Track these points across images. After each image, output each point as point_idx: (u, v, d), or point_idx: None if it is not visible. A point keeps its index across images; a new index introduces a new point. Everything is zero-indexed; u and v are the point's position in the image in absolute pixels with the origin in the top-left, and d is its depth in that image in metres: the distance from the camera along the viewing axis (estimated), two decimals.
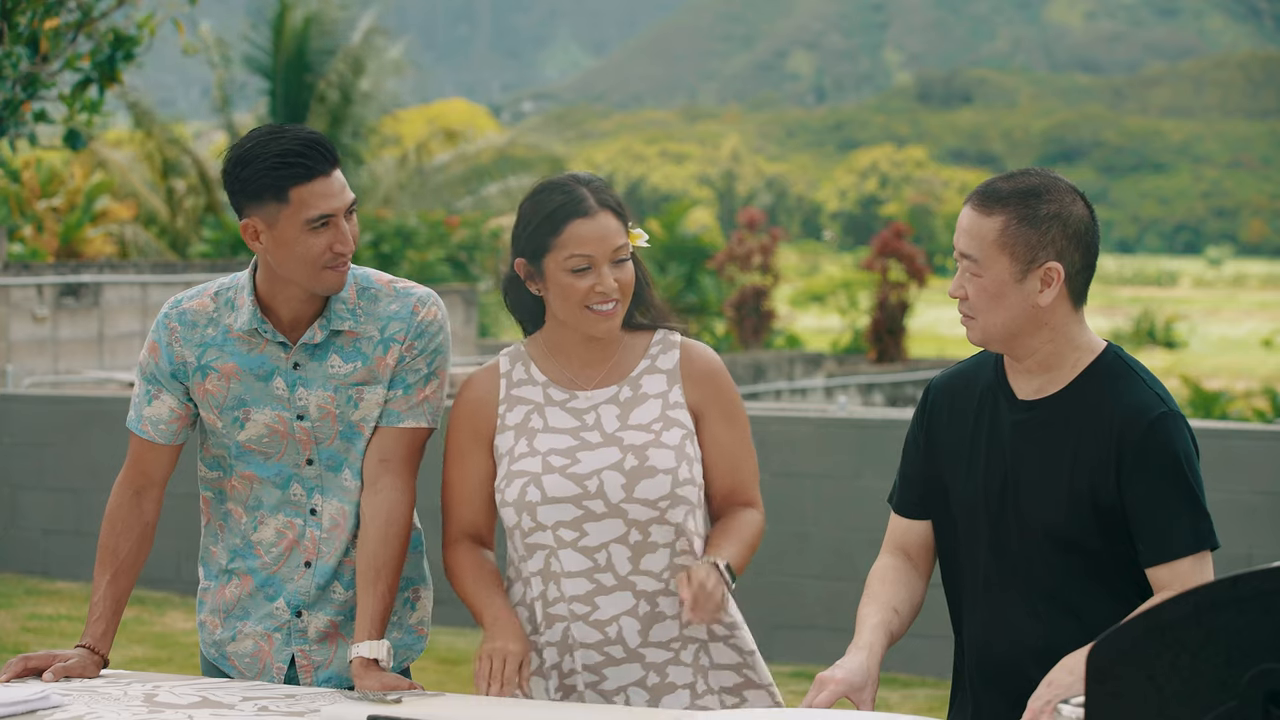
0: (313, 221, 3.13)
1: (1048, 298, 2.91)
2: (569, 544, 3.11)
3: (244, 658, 3.37)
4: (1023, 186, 2.93)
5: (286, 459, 3.29)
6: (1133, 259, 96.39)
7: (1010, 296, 2.91)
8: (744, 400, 14.64)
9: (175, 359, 3.30)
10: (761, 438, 8.25)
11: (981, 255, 2.92)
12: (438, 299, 3.36)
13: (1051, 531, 2.94)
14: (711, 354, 3.24)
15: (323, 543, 3.31)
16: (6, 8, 8.87)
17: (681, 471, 3.12)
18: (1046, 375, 2.98)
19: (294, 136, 3.15)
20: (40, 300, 15.76)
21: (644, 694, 3.13)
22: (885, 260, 27.76)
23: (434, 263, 25.43)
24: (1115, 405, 2.92)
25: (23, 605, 9.14)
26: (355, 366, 3.27)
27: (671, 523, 3.12)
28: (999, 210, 2.92)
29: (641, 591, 3.12)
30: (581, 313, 3.11)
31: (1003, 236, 2.91)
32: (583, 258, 3.08)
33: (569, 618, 3.12)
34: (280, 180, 3.12)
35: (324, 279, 3.19)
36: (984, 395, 3.05)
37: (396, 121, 33.95)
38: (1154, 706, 1.85)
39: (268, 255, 3.19)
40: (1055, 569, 2.96)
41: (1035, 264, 2.90)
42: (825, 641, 8.19)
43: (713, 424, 3.21)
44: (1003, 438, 3.00)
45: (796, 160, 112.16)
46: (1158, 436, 2.90)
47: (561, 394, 3.20)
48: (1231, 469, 7.48)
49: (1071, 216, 2.92)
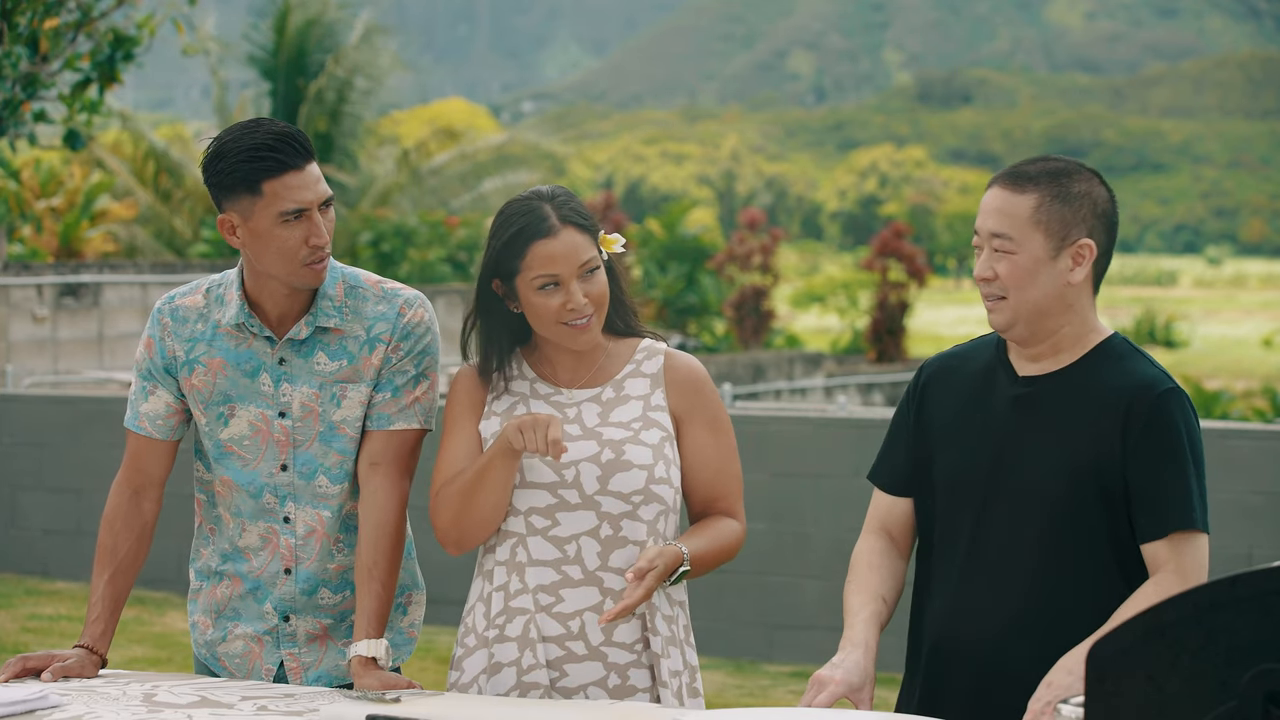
0: (286, 214, 3.15)
1: (1079, 275, 2.94)
2: (539, 531, 3.12)
3: (234, 658, 3.38)
4: (1051, 168, 2.97)
5: (262, 466, 3.29)
6: (1133, 259, 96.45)
7: (1043, 274, 2.93)
8: (744, 400, 14.63)
9: (167, 353, 3.32)
10: (761, 438, 8.26)
11: (1016, 232, 2.93)
12: (425, 301, 3.36)
13: (1052, 505, 2.93)
14: (696, 363, 3.28)
15: (299, 549, 3.31)
16: (6, 8, 8.88)
17: (657, 470, 3.14)
18: (1054, 355, 2.99)
19: (268, 130, 3.17)
20: (40, 300, 15.77)
21: (603, 694, 3.13)
22: (885, 260, 27.79)
23: (434, 262, 25.45)
24: (1124, 379, 2.92)
25: (22, 605, 9.14)
26: (341, 365, 3.28)
27: (643, 520, 3.13)
28: (1031, 188, 2.94)
29: (608, 589, 3.12)
30: (557, 329, 3.15)
31: (1037, 213, 2.93)
32: (548, 276, 3.11)
33: (533, 609, 3.11)
34: (253, 173, 3.14)
35: (300, 274, 3.20)
36: (982, 373, 3.06)
37: (395, 121, 33.98)
38: (1154, 706, 1.85)
39: (245, 249, 3.21)
40: (1041, 548, 2.95)
41: (1068, 241, 2.93)
42: (825, 641, 8.19)
43: (694, 430, 3.22)
44: (1000, 413, 3.00)
45: (796, 160, 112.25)
46: (1166, 410, 2.90)
47: (547, 389, 3.23)
48: (1231, 469, 7.47)
49: (1100, 196, 2.96)
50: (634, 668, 3.14)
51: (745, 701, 7.28)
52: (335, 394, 3.27)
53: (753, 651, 8.28)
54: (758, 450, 8.04)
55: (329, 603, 3.34)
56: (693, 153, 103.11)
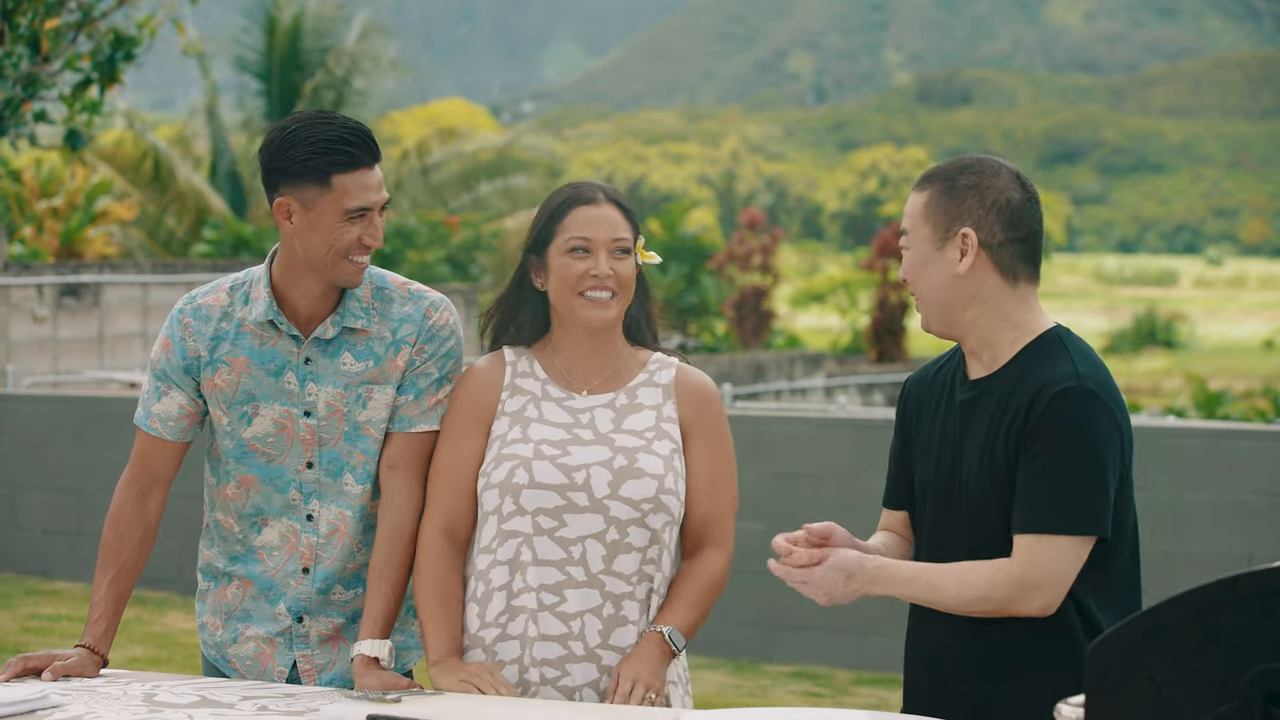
0: (351, 211, 3.16)
1: (965, 265, 2.98)
2: (545, 532, 3.13)
3: (245, 660, 3.38)
4: (953, 165, 3.05)
5: (288, 462, 3.29)
6: (1133, 259, 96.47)
7: (932, 264, 3.01)
8: (744, 400, 14.66)
9: (189, 353, 3.31)
10: (761, 438, 8.26)
11: (910, 226, 3.05)
12: (450, 305, 3.38)
13: (983, 509, 2.95)
14: (708, 380, 3.31)
15: (320, 549, 3.32)
16: (7, 8, 8.88)
17: (668, 480, 3.17)
18: (990, 354, 3.01)
19: (343, 124, 3.18)
20: (40, 300, 15.76)
21: (596, 697, 3.14)
22: (885, 260, 27.79)
23: (434, 263, 25.43)
24: (1035, 377, 2.93)
25: (22, 605, 9.14)
26: (367, 365, 3.29)
27: (650, 528, 3.15)
28: (927, 186, 3.04)
29: (609, 593, 3.14)
30: (576, 299, 3.17)
31: (926, 209, 3.02)
32: (581, 239, 3.17)
33: (535, 608, 3.12)
34: (326, 165, 3.14)
35: (343, 269, 3.21)
36: (946, 381, 3.11)
37: (394, 122, 33.96)
38: (1154, 706, 1.85)
39: (295, 237, 3.20)
40: (967, 551, 2.96)
41: (951, 232, 3.00)
42: (825, 641, 8.20)
43: (698, 446, 3.24)
44: (953, 420, 3.04)
45: (796, 160, 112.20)
46: (1059, 408, 2.88)
47: (559, 392, 3.24)
48: (1231, 469, 7.48)
49: (992, 189, 3.00)
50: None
51: (745, 701, 7.28)
52: (361, 395, 3.28)
53: (753, 651, 8.28)
54: (757, 450, 8.04)
55: (341, 599, 3.34)
56: (693, 153, 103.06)
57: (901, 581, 2.93)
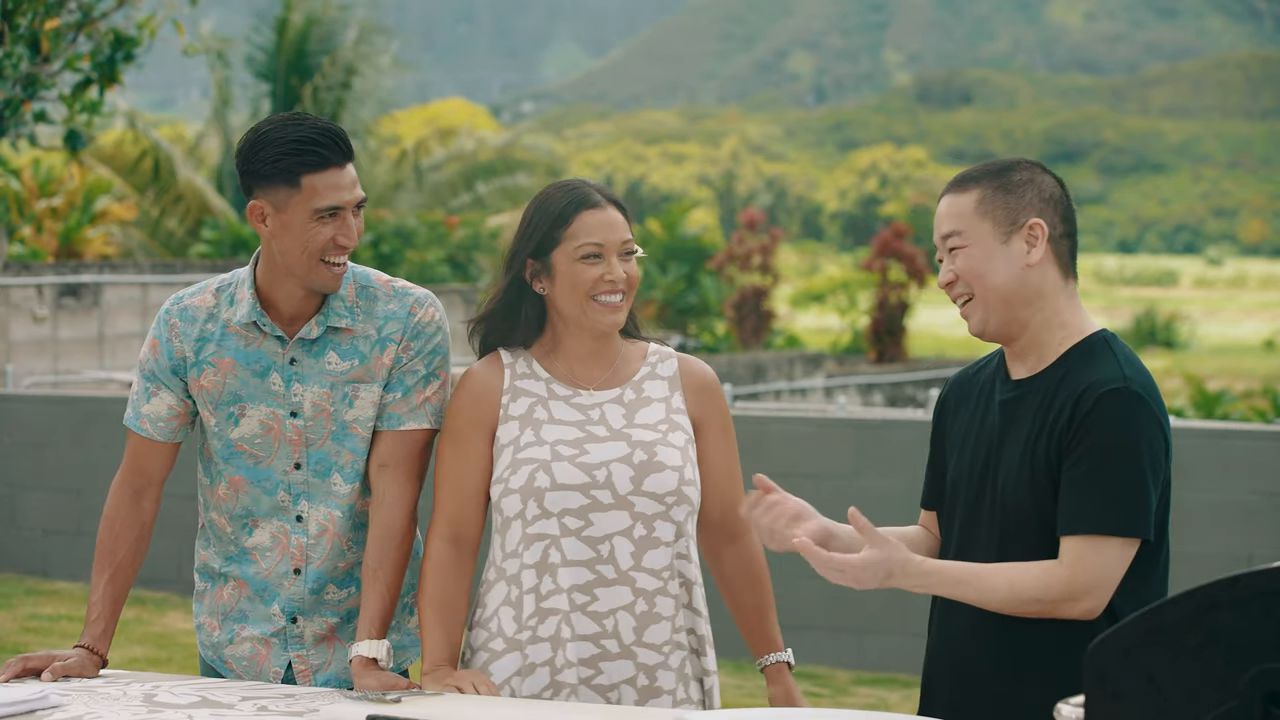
0: (321, 211, 3.15)
1: (1036, 255, 2.96)
2: (573, 533, 3.12)
3: (241, 661, 3.38)
4: (991, 166, 3.04)
5: (275, 463, 3.29)
6: (1133, 259, 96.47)
7: (998, 259, 2.97)
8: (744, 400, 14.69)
9: (175, 354, 3.30)
10: (761, 438, 8.26)
11: (964, 226, 2.99)
12: (436, 301, 3.36)
13: (1019, 510, 2.93)
14: (708, 368, 3.31)
15: (310, 549, 3.31)
16: (7, 8, 8.87)
17: (686, 471, 3.17)
18: (1037, 354, 2.99)
19: (312, 125, 3.18)
20: (40, 300, 15.76)
21: (634, 694, 3.13)
22: (885, 260, 27.80)
23: (433, 263, 25.43)
24: (1081, 379, 2.91)
25: (22, 605, 9.14)
26: (352, 364, 3.28)
27: (674, 520, 3.15)
28: (973, 186, 3.01)
29: (641, 589, 3.13)
30: (588, 304, 3.16)
31: (981, 206, 2.98)
32: (593, 245, 3.16)
33: (567, 608, 3.11)
34: (294, 166, 3.14)
35: (319, 273, 3.19)
36: (986, 382, 3.09)
37: (394, 121, 33.94)
38: (1154, 706, 1.85)
39: (271, 239, 3.20)
40: (999, 552, 2.95)
41: (1017, 225, 2.97)
42: (825, 641, 8.19)
43: (710, 437, 3.26)
44: (992, 419, 3.03)
45: (796, 160, 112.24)
46: (1106, 408, 2.86)
47: (565, 390, 3.22)
48: (1231, 469, 7.48)
49: (1044, 183, 3.00)
50: (661, 669, 3.15)
51: (745, 701, 7.28)
52: (347, 394, 3.27)
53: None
54: (757, 450, 8.03)
55: (334, 599, 3.34)
56: (693, 153, 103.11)
57: (952, 583, 2.89)
